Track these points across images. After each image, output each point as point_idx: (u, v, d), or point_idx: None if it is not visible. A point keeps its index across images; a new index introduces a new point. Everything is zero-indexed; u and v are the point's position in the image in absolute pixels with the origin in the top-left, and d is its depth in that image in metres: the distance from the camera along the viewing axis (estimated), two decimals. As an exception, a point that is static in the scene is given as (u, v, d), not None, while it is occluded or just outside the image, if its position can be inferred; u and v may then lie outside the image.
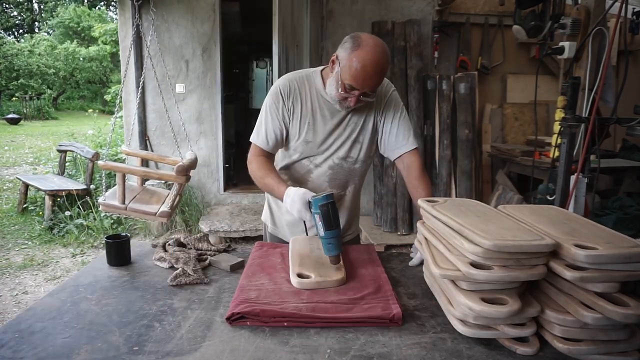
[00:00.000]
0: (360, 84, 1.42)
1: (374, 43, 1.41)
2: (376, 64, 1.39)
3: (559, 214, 1.25)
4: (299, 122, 1.57)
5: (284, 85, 1.57)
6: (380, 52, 1.40)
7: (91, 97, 22.94)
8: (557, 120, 2.66)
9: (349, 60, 1.40)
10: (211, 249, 1.54)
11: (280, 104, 1.56)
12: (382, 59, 1.41)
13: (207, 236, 1.60)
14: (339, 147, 1.60)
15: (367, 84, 1.43)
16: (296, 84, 1.57)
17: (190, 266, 1.33)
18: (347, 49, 1.42)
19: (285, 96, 1.56)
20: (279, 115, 1.56)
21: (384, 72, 1.44)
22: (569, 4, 3.20)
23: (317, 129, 1.58)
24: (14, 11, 26.96)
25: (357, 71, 1.39)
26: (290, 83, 1.57)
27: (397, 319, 1.08)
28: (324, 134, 1.58)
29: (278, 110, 1.56)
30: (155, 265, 1.43)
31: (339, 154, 1.61)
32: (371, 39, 1.42)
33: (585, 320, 0.95)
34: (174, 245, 1.51)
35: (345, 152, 1.61)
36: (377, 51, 1.40)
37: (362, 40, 1.41)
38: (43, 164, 7.26)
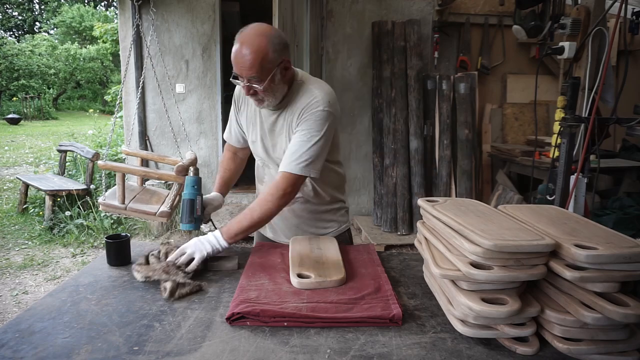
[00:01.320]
0: (237, 67, 1.39)
1: (252, 27, 1.39)
2: (246, 45, 1.35)
3: (559, 214, 1.25)
4: (246, 123, 1.66)
5: (237, 90, 1.63)
6: (254, 34, 1.36)
7: (91, 97, 22.96)
8: (557, 120, 2.66)
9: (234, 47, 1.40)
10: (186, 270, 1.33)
11: (233, 106, 1.68)
12: (256, 41, 1.35)
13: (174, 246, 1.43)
14: (274, 149, 1.58)
15: (242, 69, 1.37)
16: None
17: (180, 274, 1.24)
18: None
19: (236, 99, 1.66)
20: (234, 115, 1.70)
21: (256, 54, 1.34)
22: (569, 4, 3.20)
23: (257, 130, 1.61)
24: (14, 11, 26.96)
25: (233, 55, 1.38)
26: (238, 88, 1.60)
27: (397, 319, 1.08)
28: (262, 135, 1.60)
29: (233, 110, 1.69)
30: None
31: (276, 155, 1.58)
32: (254, 25, 1.40)
33: (585, 320, 0.95)
34: (158, 258, 1.37)
35: (280, 155, 1.54)
36: (250, 33, 1.37)
37: (245, 28, 1.40)
38: (43, 164, 7.27)
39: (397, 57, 4.54)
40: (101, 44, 20.46)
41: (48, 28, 26.68)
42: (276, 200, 1.44)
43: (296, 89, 1.50)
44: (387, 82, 4.54)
